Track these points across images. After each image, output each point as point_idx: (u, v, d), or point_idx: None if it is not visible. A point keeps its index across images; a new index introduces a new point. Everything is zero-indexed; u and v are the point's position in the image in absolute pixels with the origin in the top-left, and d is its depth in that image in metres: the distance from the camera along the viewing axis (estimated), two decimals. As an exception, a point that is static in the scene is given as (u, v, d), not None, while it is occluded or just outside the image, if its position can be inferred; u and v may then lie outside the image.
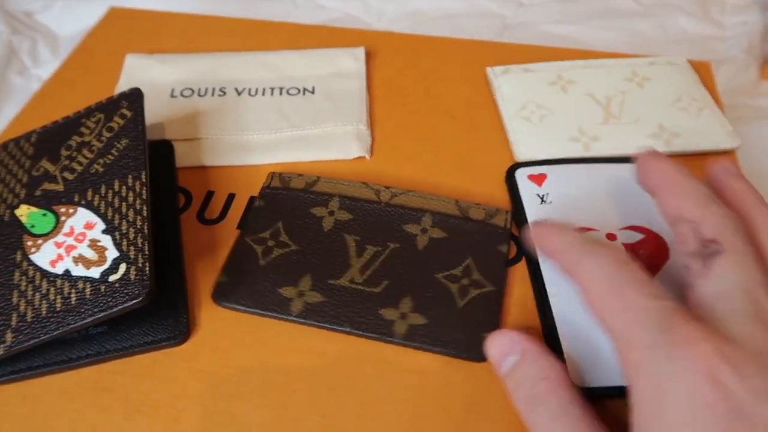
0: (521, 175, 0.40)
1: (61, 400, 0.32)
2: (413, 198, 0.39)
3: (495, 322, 0.33)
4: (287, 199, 0.39)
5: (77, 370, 0.33)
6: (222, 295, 0.35)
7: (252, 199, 0.41)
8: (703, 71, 0.49)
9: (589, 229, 0.37)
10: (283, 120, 0.45)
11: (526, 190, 0.39)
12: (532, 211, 0.38)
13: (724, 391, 0.20)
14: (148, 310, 0.33)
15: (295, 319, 0.34)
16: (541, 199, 0.39)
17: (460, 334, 0.33)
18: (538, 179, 0.40)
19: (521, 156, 0.42)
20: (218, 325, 0.35)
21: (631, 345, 0.23)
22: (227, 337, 0.34)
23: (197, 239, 0.39)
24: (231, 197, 0.41)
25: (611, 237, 0.36)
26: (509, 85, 0.47)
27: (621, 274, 0.25)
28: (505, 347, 0.29)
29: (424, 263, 0.36)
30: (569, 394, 0.25)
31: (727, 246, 0.25)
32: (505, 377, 0.28)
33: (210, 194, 0.42)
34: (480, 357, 0.32)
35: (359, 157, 0.43)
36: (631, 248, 0.36)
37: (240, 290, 0.35)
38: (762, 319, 0.22)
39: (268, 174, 0.41)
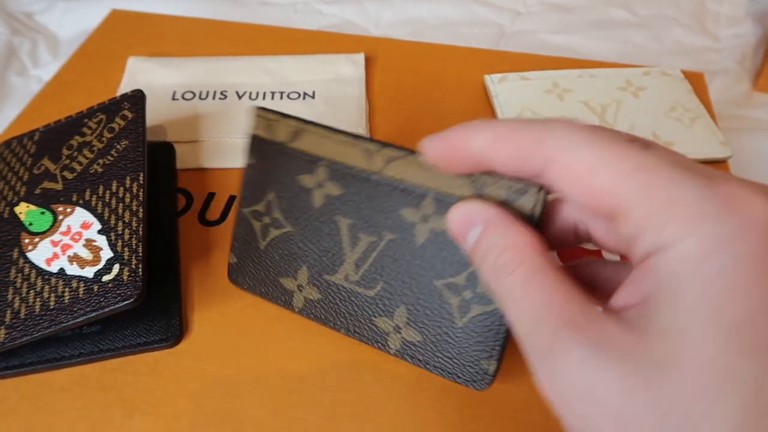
0: None
1: (61, 398, 0.32)
2: (414, 168, 0.29)
3: (496, 349, 0.28)
4: (275, 160, 0.32)
5: (78, 368, 0.33)
6: (235, 276, 0.35)
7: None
8: (696, 82, 0.50)
9: None
10: (283, 124, 0.46)
11: None
12: None
13: None
14: (142, 311, 0.34)
15: (298, 313, 0.33)
16: None
17: (456, 359, 0.29)
18: None
19: (517, 162, 0.43)
20: (216, 327, 0.35)
21: (667, 204, 0.19)
22: (227, 339, 0.35)
23: (196, 240, 0.39)
24: (231, 199, 0.42)
25: None
26: (506, 93, 0.48)
27: (614, 138, 0.20)
28: (467, 218, 0.25)
29: (423, 263, 0.30)
30: (542, 259, 0.22)
31: (647, 140, 0.22)
32: (472, 252, 0.24)
33: (211, 196, 0.42)
34: (477, 385, 0.29)
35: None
36: None
37: (248, 275, 0.35)
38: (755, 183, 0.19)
39: (252, 113, 0.33)
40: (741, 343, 0.17)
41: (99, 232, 0.34)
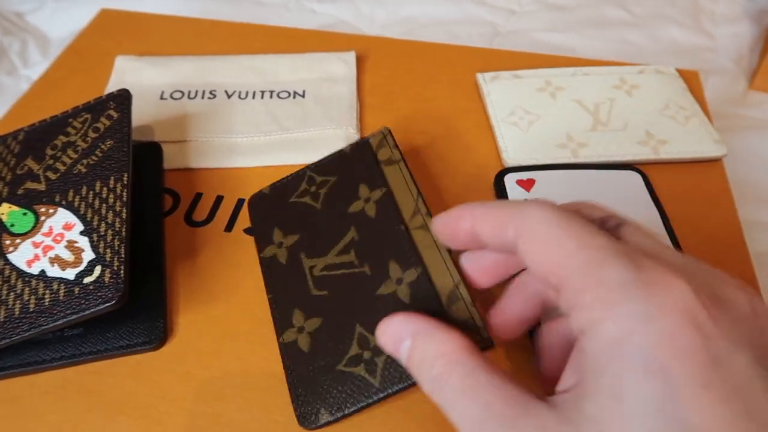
0: (510, 180, 0.40)
1: (43, 401, 0.32)
2: (430, 241, 0.32)
3: (344, 412, 0.29)
4: (361, 162, 0.37)
5: (60, 371, 0.33)
6: (254, 202, 0.39)
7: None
8: (691, 80, 0.49)
9: None
10: (273, 123, 0.45)
11: (515, 195, 0.39)
12: None
13: (703, 337, 0.18)
14: (125, 313, 0.33)
15: (259, 260, 0.36)
16: None
17: (309, 391, 0.31)
18: (527, 184, 0.40)
19: (510, 162, 0.42)
20: (201, 329, 0.35)
21: (595, 284, 0.20)
22: (212, 341, 0.34)
23: (183, 241, 0.39)
24: (219, 199, 0.41)
25: None
26: (498, 91, 0.47)
27: (573, 219, 0.22)
28: (396, 333, 0.26)
29: (365, 308, 0.32)
30: (471, 363, 0.23)
31: (622, 219, 0.25)
32: (407, 365, 0.26)
33: (198, 196, 0.41)
34: (305, 424, 0.30)
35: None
36: None
37: (261, 208, 0.38)
38: (688, 271, 0.20)
39: (383, 130, 0.38)
40: (661, 426, 0.18)
41: (81, 233, 0.33)
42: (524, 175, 0.40)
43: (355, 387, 0.30)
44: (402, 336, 0.26)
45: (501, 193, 0.40)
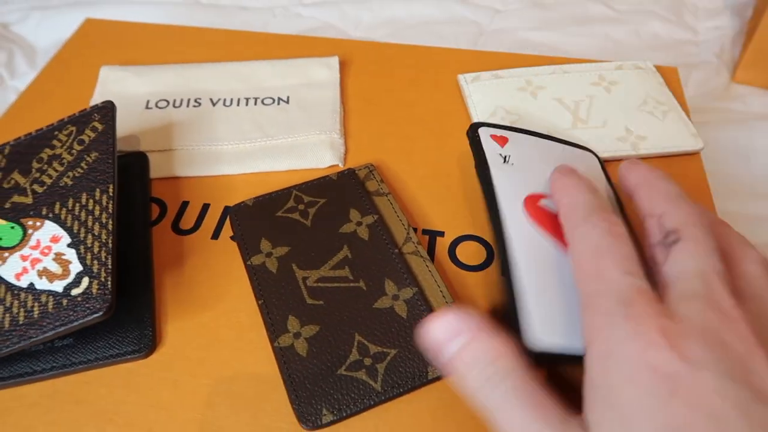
0: (484, 133, 0.39)
1: (32, 412, 0.32)
2: (422, 267, 0.37)
3: (345, 413, 0.31)
4: (345, 188, 0.41)
5: (50, 381, 0.33)
6: (236, 213, 0.40)
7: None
8: (669, 75, 0.50)
9: (545, 196, 0.36)
10: (258, 130, 0.45)
11: (489, 147, 0.38)
12: (496, 166, 0.36)
13: (662, 360, 0.22)
14: (115, 323, 0.34)
15: (246, 269, 0.37)
16: (504, 159, 0.38)
17: (310, 391, 0.32)
18: (501, 140, 0.39)
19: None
20: (189, 337, 0.35)
21: (595, 309, 0.24)
22: (200, 349, 0.34)
23: (170, 250, 0.39)
24: (206, 207, 0.42)
25: None
26: (479, 92, 0.48)
27: (607, 246, 0.26)
28: (453, 328, 0.26)
29: (362, 317, 0.34)
30: (526, 374, 0.24)
31: (685, 235, 0.26)
32: (451, 361, 0.25)
33: (185, 204, 0.42)
34: (306, 423, 0.31)
35: (332, 166, 0.44)
36: None
37: (245, 219, 0.39)
38: (709, 299, 0.23)
39: (375, 174, 0.42)
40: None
41: (68, 245, 0.34)
42: (498, 132, 0.40)
43: (356, 390, 0.32)
44: (458, 331, 0.26)
45: (475, 142, 0.38)
